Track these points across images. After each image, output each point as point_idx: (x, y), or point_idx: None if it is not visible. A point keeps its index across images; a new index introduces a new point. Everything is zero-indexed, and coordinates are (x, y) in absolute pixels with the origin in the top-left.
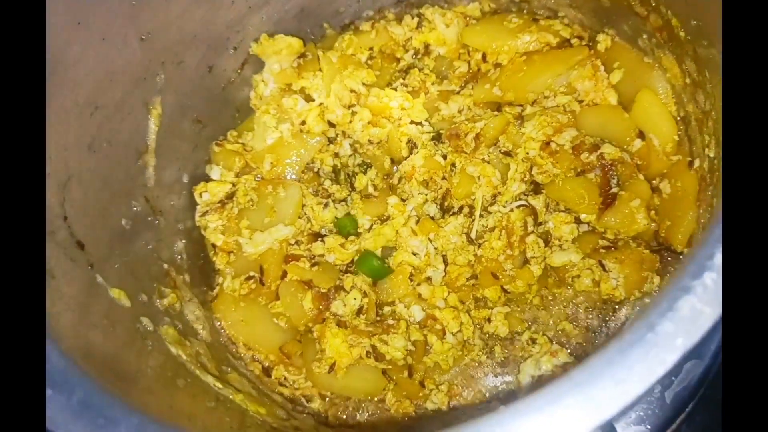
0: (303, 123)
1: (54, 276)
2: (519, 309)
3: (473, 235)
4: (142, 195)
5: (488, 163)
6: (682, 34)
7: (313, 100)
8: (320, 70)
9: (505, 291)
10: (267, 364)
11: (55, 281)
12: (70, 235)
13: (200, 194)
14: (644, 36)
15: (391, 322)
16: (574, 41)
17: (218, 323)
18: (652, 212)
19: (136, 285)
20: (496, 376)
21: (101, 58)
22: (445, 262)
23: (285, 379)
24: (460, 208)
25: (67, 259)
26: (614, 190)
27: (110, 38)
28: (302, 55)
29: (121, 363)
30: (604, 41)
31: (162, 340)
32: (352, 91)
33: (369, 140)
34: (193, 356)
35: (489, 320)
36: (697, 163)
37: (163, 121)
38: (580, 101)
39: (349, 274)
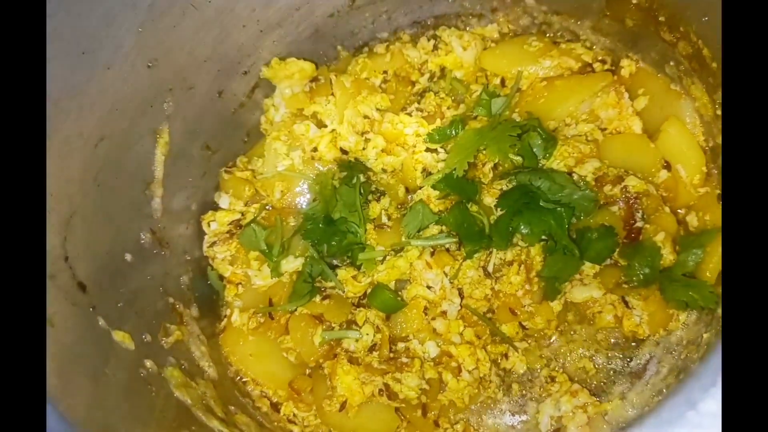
0: (315, 150)
1: (53, 324)
2: (537, 345)
3: (490, 269)
4: (148, 227)
5: (505, 190)
6: (714, 65)
7: (326, 126)
8: (333, 94)
9: (523, 327)
10: (276, 399)
11: (54, 330)
12: (72, 277)
13: (208, 224)
14: (671, 63)
15: (405, 360)
16: (596, 65)
17: (225, 358)
18: (677, 246)
19: (140, 324)
20: (513, 415)
21: (107, 88)
22: (461, 296)
23: (294, 416)
24: None
25: (68, 304)
26: (639, 224)
27: (116, 67)
28: (315, 79)
29: (123, 419)
30: (628, 66)
31: (166, 383)
32: (365, 116)
33: (383, 168)
34: (198, 399)
35: (506, 356)
36: None
37: (170, 149)
38: (603, 129)
39: (361, 308)
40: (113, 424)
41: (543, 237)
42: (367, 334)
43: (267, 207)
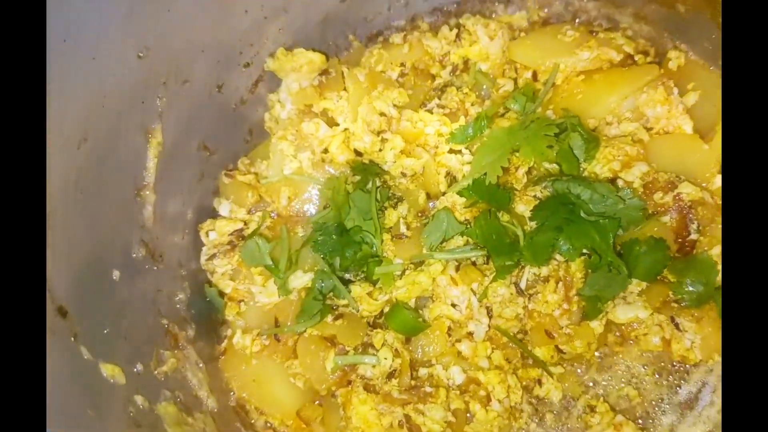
0: (325, 151)
1: None
2: (574, 370)
3: (523, 285)
4: (138, 238)
5: (541, 200)
6: None
7: (338, 125)
8: (345, 89)
9: (560, 351)
10: (282, 430)
11: None
12: (51, 301)
13: (206, 233)
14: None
15: (428, 389)
16: (638, 58)
17: (226, 384)
18: None
19: (130, 353)
20: None
21: (91, 80)
22: (489, 316)
23: None
24: None
25: (47, 333)
26: (693, 236)
27: (102, 56)
28: (324, 72)
29: None
30: (676, 58)
31: (159, 422)
32: (382, 114)
33: (402, 172)
34: None
35: (539, 382)
36: None
37: (164, 150)
38: (649, 129)
39: (378, 329)
40: None
41: (585, 251)
42: (386, 359)
43: (272, 215)
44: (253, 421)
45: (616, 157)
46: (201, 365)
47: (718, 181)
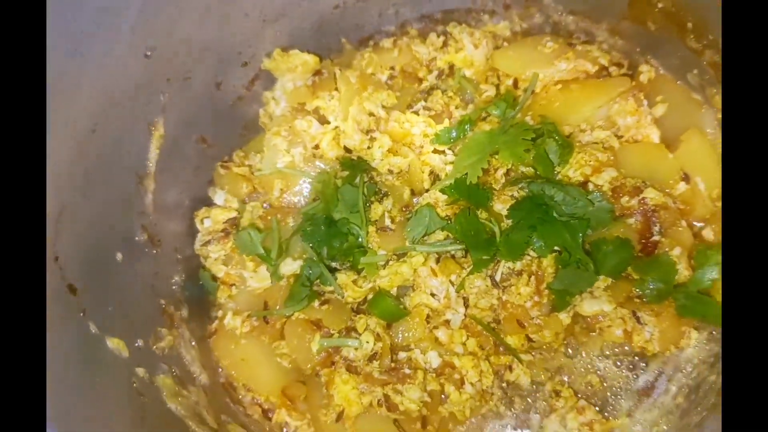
0: (316, 147)
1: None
2: (542, 358)
3: (498, 278)
4: (139, 223)
5: (517, 200)
6: None
7: (329, 123)
8: (337, 90)
9: (530, 339)
10: (267, 407)
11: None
12: (62, 279)
13: (201, 220)
14: (695, 71)
15: (407, 371)
16: (612, 69)
17: (216, 362)
18: (692, 261)
19: (132, 329)
20: (515, 430)
21: (102, 76)
22: (466, 305)
23: (287, 424)
24: None
25: (58, 308)
26: (656, 237)
27: (113, 54)
28: (318, 73)
29: None
30: (647, 72)
31: (159, 393)
32: (371, 114)
33: (389, 170)
34: (191, 409)
35: (510, 368)
36: None
37: (165, 142)
38: (619, 137)
39: (361, 315)
40: None
41: (556, 249)
42: (368, 342)
43: (264, 206)
44: (240, 397)
45: (587, 163)
46: (193, 343)
47: (681, 187)
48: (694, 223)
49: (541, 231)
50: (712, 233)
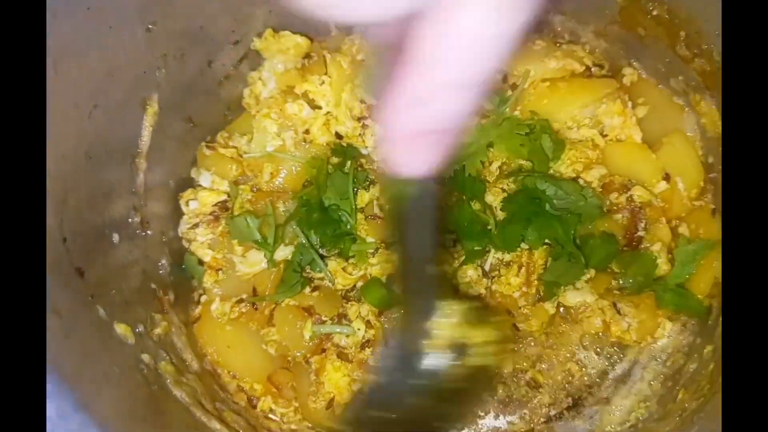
0: (306, 132)
1: (61, 315)
2: (523, 345)
3: (487, 268)
4: (131, 205)
5: (510, 194)
6: None
7: (319, 108)
8: (327, 74)
9: (516, 328)
10: (252, 393)
11: (62, 322)
12: (70, 262)
13: (186, 202)
14: (680, 77)
15: None
16: (594, 69)
17: (201, 348)
18: (670, 255)
19: (132, 314)
20: (497, 416)
21: (106, 50)
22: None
23: (272, 411)
24: None
25: (70, 292)
26: (641, 233)
27: (118, 27)
28: (306, 56)
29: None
30: (630, 75)
31: (164, 380)
32: (362, 101)
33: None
34: (193, 396)
35: None
36: None
37: (157, 120)
38: (604, 136)
39: (352, 302)
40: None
41: (547, 241)
42: (359, 330)
43: (253, 189)
44: (226, 384)
45: (578, 159)
46: (183, 329)
47: (662, 186)
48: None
49: (535, 224)
50: (687, 230)
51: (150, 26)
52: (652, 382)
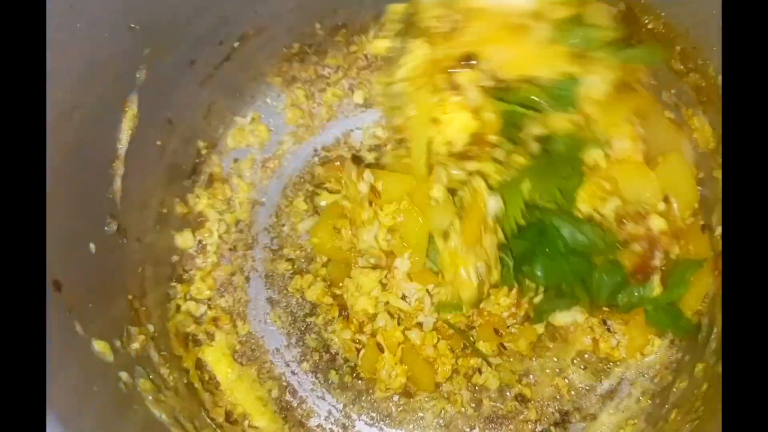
0: None
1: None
2: (510, 360)
3: None
4: (108, 211)
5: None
6: None
7: None
8: None
9: (503, 347)
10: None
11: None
12: (48, 274)
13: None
14: (673, 91)
15: None
16: None
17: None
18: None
19: (110, 329)
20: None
21: (88, 48)
22: None
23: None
24: None
25: (48, 308)
26: (656, 262)
27: (101, 24)
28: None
29: None
30: None
31: (142, 399)
32: None
33: None
34: (172, 415)
35: (479, 371)
36: (718, 231)
37: (136, 122)
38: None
39: None
40: None
41: None
42: None
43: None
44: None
45: (595, 193)
46: (160, 342)
47: (660, 207)
48: None
49: (544, 265)
50: (677, 248)
51: (133, 24)
52: (640, 398)
